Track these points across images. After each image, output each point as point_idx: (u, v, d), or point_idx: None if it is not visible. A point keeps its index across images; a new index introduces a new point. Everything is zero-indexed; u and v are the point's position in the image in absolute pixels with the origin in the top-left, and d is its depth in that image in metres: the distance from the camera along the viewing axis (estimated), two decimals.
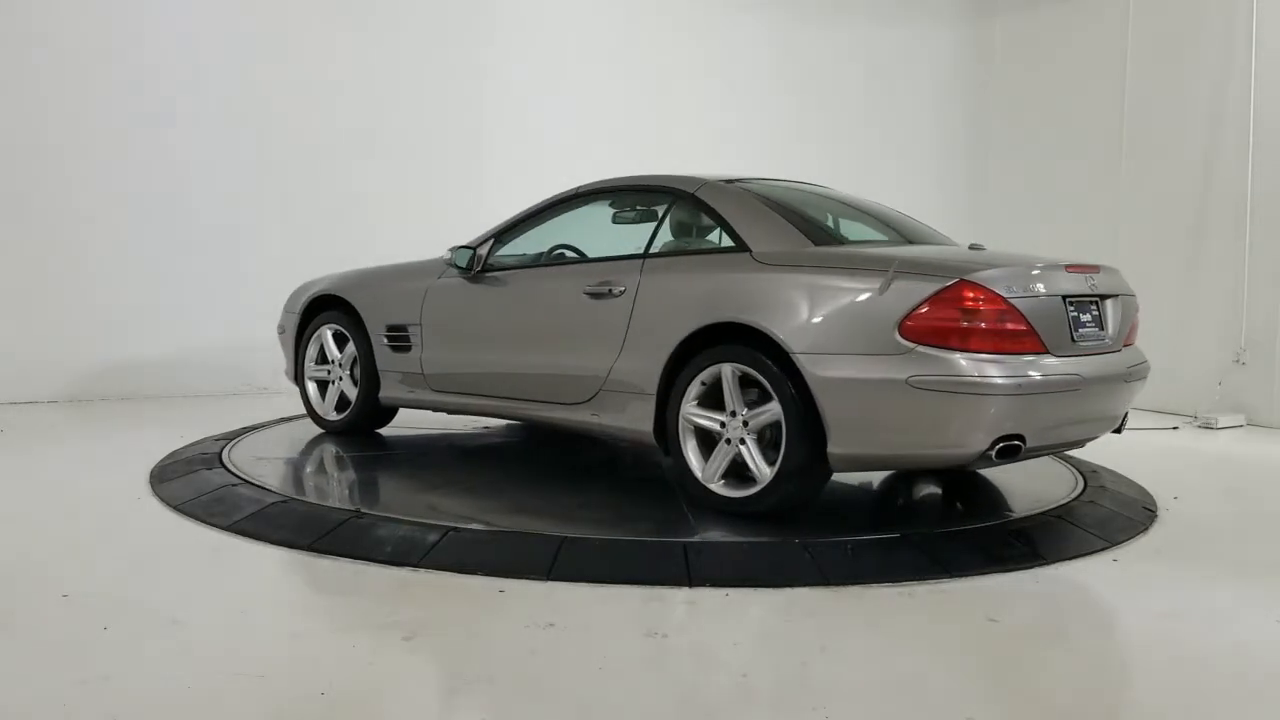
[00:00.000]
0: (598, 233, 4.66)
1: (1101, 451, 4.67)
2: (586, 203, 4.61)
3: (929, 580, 3.24)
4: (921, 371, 3.32)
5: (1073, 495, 4.25)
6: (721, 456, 3.71)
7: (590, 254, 4.66)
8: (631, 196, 4.60)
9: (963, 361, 3.32)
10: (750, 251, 3.83)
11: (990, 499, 4.34)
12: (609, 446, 5.12)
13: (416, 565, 3.26)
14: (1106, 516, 4.03)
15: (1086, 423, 3.77)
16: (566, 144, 7.78)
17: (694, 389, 3.76)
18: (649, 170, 4.83)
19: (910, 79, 9.16)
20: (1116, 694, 2.57)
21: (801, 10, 8.77)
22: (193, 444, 4.93)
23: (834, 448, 3.47)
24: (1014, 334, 3.42)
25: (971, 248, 4.03)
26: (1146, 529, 4.00)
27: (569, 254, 4.69)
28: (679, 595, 3.08)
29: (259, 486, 4.03)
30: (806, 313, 3.53)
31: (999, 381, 3.33)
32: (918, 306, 3.36)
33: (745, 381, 3.68)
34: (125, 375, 6.65)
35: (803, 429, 3.49)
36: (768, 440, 3.66)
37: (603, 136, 7.93)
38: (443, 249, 5.13)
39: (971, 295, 3.35)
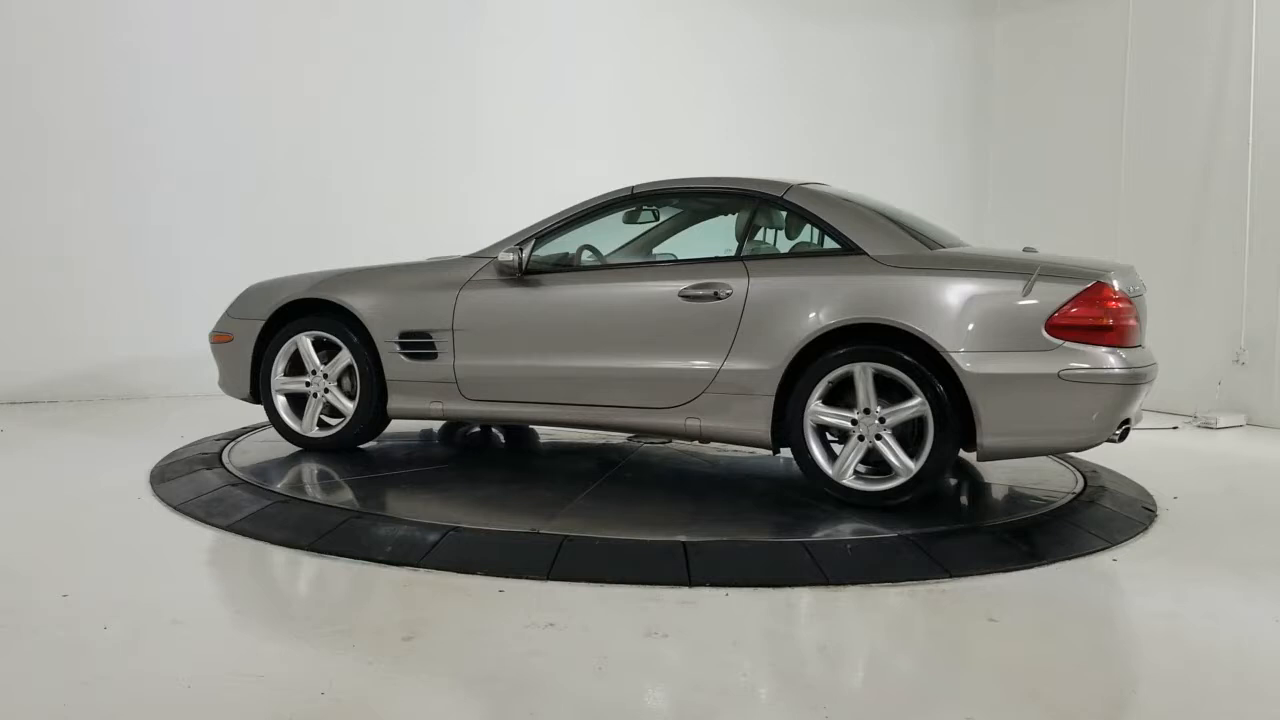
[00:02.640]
0: (614, 233, 4.60)
1: (1102, 451, 4.66)
2: (643, 204, 4.54)
3: (929, 580, 3.25)
4: (1071, 365, 3.64)
5: (1073, 495, 4.27)
6: (855, 454, 3.84)
7: (604, 253, 4.60)
8: (700, 199, 4.58)
9: (1104, 355, 3.67)
10: (867, 254, 3.93)
11: (990, 499, 4.35)
12: (605, 448, 5.11)
13: (417, 565, 3.27)
14: (1106, 516, 4.04)
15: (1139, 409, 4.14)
16: (565, 144, 7.79)
17: (820, 388, 3.86)
18: (649, 172, 4.82)
19: (910, 78, 9.17)
20: (1116, 694, 2.57)
21: (802, 9, 8.77)
22: (193, 444, 4.93)
23: (985, 440, 3.70)
24: (1132, 329, 3.80)
25: (1025, 250, 4.23)
26: (1146, 529, 4.01)
27: (588, 255, 4.58)
28: (679, 595, 3.08)
29: (259, 487, 4.03)
30: (953, 313, 3.73)
31: (1129, 371, 3.71)
32: (1063, 306, 3.68)
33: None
34: (125, 375, 6.64)
35: (947, 424, 3.69)
36: (896, 435, 3.82)
37: (601, 136, 7.93)
38: (440, 249, 5.11)
39: (1109, 295, 3.72)
